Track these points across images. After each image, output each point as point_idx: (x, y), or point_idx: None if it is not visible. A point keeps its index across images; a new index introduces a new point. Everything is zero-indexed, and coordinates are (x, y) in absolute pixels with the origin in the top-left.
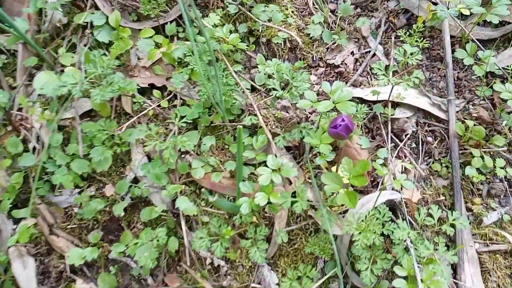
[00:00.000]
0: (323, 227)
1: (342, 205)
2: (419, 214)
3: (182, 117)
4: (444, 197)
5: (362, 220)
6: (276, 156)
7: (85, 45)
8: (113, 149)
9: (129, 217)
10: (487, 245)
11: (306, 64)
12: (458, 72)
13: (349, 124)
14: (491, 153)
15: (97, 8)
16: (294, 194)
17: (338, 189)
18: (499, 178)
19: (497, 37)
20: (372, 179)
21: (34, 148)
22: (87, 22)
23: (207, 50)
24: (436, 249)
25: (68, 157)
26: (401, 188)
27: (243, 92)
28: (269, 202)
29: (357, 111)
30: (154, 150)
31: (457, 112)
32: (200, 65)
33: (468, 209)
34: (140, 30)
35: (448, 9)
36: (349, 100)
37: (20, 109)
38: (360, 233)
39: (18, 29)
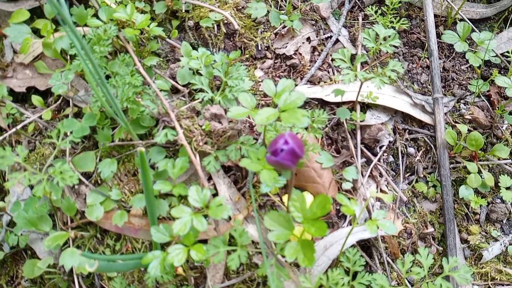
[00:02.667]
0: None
1: None
2: (403, 264)
3: (66, 134)
4: (432, 227)
5: (322, 285)
6: (202, 187)
7: None
8: None
9: (10, 270)
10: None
11: (248, 55)
12: (444, 62)
13: (296, 148)
14: (490, 166)
15: None
16: (231, 239)
17: (287, 237)
18: (500, 198)
19: (490, 15)
20: (338, 207)
21: None
22: None
23: (104, 39)
24: None
25: None
26: (377, 228)
27: (156, 95)
28: (193, 258)
29: (314, 120)
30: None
31: (445, 114)
32: (83, 59)
33: (463, 241)
34: (9, 13)
35: None
36: (301, 107)
37: None
38: None
39: None
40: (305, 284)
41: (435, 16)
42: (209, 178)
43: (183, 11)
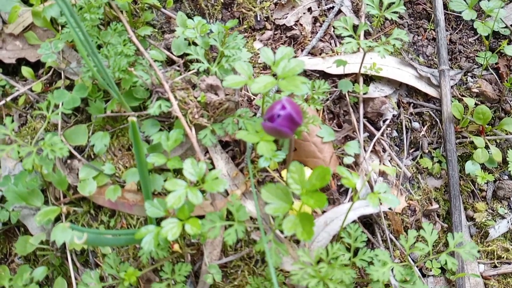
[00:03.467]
0: (267, 260)
1: None
2: (406, 240)
3: (56, 105)
4: (437, 204)
5: (321, 259)
6: (198, 161)
7: None
8: None
9: (3, 247)
10: (495, 266)
11: (247, 26)
12: (450, 34)
13: (293, 114)
14: (497, 141)
15: None
16: (229, 214)
17: (286, 210)
18: (508, 174)
19: None
20: (340, 183)
21: None
22: None
23: (95, 6)
24: (427, 276)
25: None
26: (380, 201)
27: (150, 66)
28: (189, 233)
29: (314, 90)
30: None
31: (452, 87)
32: (72, 28)
33: (469, 218)
34: None
35: None
36: (300, 74)
37: None
38: (319, 281)
39: None
40: (303, 258)
41: None
42: (206, 153)
43: None
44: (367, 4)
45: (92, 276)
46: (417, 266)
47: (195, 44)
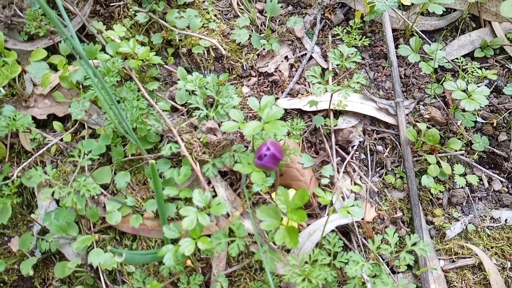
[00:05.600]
0: (265, 267)
1: None
2: (373, 242)
3: (88, 153)
4: (401, 212)
5: (306, 262)
6: (204, 190)
7: None
8: (12, 198)
9: (42, 273)
10: (453, 261)
11: (235, 75)
12: (405, 69)
13: (276, 153)
14: (448, 157)
15: None
16: (231, 231)
17: (276, 225)
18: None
19: (443, 26)
20: (320, 203)
21: None
22: None
23: (112, 70)
24: (397, 272)
25: None
26: (348, 213)
27: (160, 115)
28: (200, 249)
29: (293, 128)
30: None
31: (407, 115)
32: (99, 89)
33: (429, 222)
34: (31, 51)
35: (386, 0)
36: (283, 118)
37: None
38: (304, 279)
39: None
40: (292, 261)
41: (394, 30)
42: (209, 182)
43: (177, 40)
44: (331, 56)
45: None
46: (388, 265)
47: (195, 94)
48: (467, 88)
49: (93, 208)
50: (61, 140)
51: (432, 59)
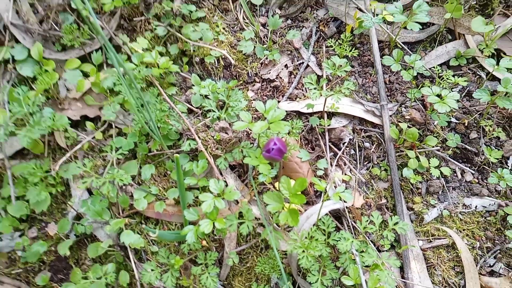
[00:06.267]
0: (271, 244)
1: None
2: (361, 223)
3: (118, 149)
4: (386, 200)
5: (306, 237)
6: (218, 180)
7: (8, 82)
8: (49, 189)
9: (76, 254)
10: (430, 241)
11: (242, 81)
12: (389, 76)
13: (281, 147)
14: (426, 152)
15: (17, 41)
16: (240, 215)
17: (280, 208)
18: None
19: (423, 38)
20: (315, 190)
21: None
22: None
23: (139, 78)
24: (382, 251)
25: (3, 201)
26: (339, 198)
27: (179, 116)
28: (216, 229)
29: (293, 127)
30: (92, 185)
31: (390, 116)
32: (129, 94)
33: (410, 208)
34: (65, 60)
35: (374, 16)
36: (284, 119)
37: None
38: (303, 251)
39: None
40: (293, 236)
41: (380, 41)
42: (221, 174)
43: (191, 50)
44: (325, 66)
45: (150, 265)
46: (374, 245)
47: (208, 98)
48: (440, 93)
49: (124, 195)
50: (93, 138)
51: (412, 68)
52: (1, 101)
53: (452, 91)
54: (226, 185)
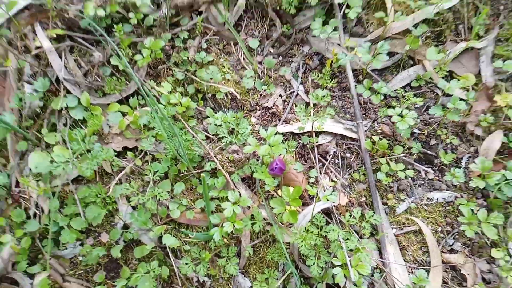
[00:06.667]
0: (278, 238)
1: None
2: (345, 217)
3: (155, 172)
4: (365, 198)
5: (303, 231)
6: (234, 190)
7: (64, 125)
8: (106, 207)
9: (124, 256)
10: (401, 229)
11: (246, 110)
12: (363, 98)
13: (282, 166)
14: (395, 158)
15: (68, 92)
16: (252, 217)
17: (283, 210)
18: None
19: (390, 65)
20: (309, 194)
21: (35, 214)
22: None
23: (165, 117)
24: (364, 238)
25: (67, 218)
26: (327, 200)
27: (200, 143)
28: (235, 228)
29: (289, 146)
30: (138, 201)
31: (365, 131)
32: (162, 128)
33: (384, 204)
34: (108, 104)
35: (349, 50)
36: (281, 140)
37: (17, 184)
38: (302, 241)
39: (8, 122)
40: (294, 231)
41: (355, 70)
42: (235, 186)
43: (205, 88)
44: (310, 97)
45: (185, 260)
46: (357, 234)
47: (221, 126)
48: (402, 113)
49: (162, 208)
50: (134, 164)
51: (379, 93)
52: (61, 141)
53: (415, 107)
54: (240, 195)
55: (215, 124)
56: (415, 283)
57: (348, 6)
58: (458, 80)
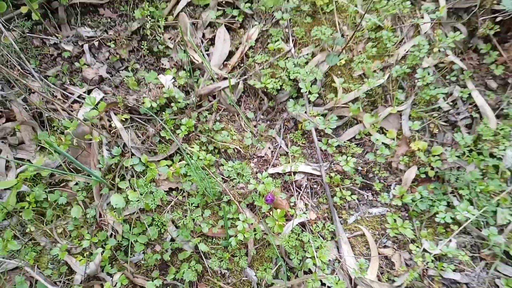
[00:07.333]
0: (271, 242)
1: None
2: (313, 227)
3: (191, 204)
4: (327, 214)
5: (287, 236)
6: (242, 213)
7: (131, 175)
8: (160, 228)
9: (171, 259)
10: (352, 233)
11: (247, 159)
12: (323, 149)
13: (272, 197)
14: (346, 187)
15: (133, 154)
16: (254, 229)
17: (274, 224)
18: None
19: (341, 124)
20: (290, 214)
21: (111, 235)
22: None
23: (197, 167)
24: (327, 240)
25: (135, 236)
26: (302, 216)
27: (219, 183)
28: (244, 237)
29: (276, 183)
30: (182, 223)
31: (325, 170)
32: (196, 175)
33: (340, 217)
34: (158, 160)
35: (313, 117)
36: (271, 179)
37: (100, 215)
38: (286, 243)
39: (98, 176)
40: (281, 237)
41: (317, 129)
42: (242, 210)
43: (220, 146)
44: (289, 152)
45: (213, 260)
46: (323, 238)
47: (231, 171)
48: (347, 158)
49: (197, 226)
50: (176, 198)
51: (332, 145)
52: (129, 186)
53: (357, 154)
54: (246, 216)
55: (228, 170)
56: (361, 267)
57: (310, 92)
58: (385, 134)
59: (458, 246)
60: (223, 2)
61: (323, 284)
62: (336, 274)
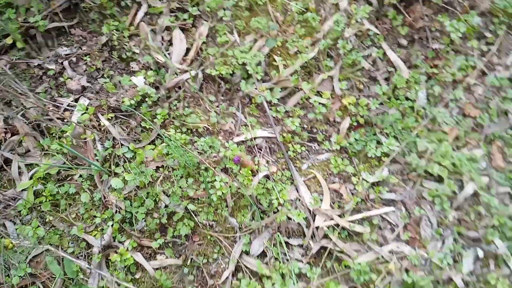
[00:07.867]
0: (244, 193)
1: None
2: (275, 176)
3: (176, 175)
4: (285, 166)
5: (256, 187)
6: (218, 175)
7: (124, 161)
8: (154, 198)
9: (168, 222)
10: (306, 177)
11: (215, 134)
12: (275, 116)
13: (239, 158)
14: (297, 143)
15: (122, 144)
16: (230, 186)
17: (244, 179)
18: (303, 150)
19: (286, 94)
20: (257, 170)
21: (116, 211)
22: None
23: (176, 146)
24: (286, 184)
25: (136, 208)
26: (264, 170)
27: (196, 156)
28: (223, 193)
29: (240, 150)
30: (172, 191)
31: (279, 132)
32: (177, 153)
33: (295, 166)
34: (143, 146)
35: (263, 92)
36: (237, 146)
37: (104, 197)
38: (256, 191)
39: (99, 166)
40: (251, 187)
41: (268, 101)
42: (218, 173)
43: (191, 127)
44: (248, 121)
45: (202, 215)
46: (283, 183)
47: (204, 145)
48: (293, 120)
49: (184, 191)
50: (164, 174)
51: (281, 112)
52: (123, 170)
53: (300, 116)
54: (222, 177)
55: (201, 145)
56: (316, 201)
57: (257, 73)
58: (321, 96)
59: (390, 173)
60: (175, 8)
61: (289, 218)
62: (298, 209)
